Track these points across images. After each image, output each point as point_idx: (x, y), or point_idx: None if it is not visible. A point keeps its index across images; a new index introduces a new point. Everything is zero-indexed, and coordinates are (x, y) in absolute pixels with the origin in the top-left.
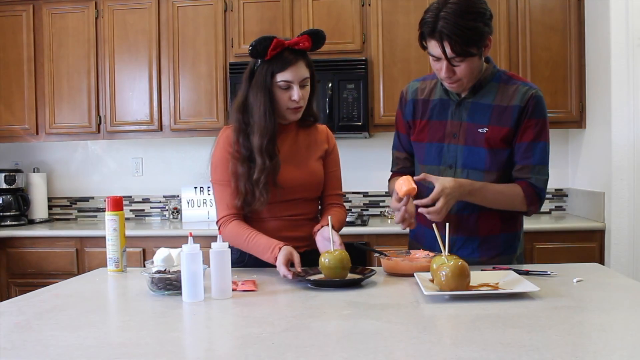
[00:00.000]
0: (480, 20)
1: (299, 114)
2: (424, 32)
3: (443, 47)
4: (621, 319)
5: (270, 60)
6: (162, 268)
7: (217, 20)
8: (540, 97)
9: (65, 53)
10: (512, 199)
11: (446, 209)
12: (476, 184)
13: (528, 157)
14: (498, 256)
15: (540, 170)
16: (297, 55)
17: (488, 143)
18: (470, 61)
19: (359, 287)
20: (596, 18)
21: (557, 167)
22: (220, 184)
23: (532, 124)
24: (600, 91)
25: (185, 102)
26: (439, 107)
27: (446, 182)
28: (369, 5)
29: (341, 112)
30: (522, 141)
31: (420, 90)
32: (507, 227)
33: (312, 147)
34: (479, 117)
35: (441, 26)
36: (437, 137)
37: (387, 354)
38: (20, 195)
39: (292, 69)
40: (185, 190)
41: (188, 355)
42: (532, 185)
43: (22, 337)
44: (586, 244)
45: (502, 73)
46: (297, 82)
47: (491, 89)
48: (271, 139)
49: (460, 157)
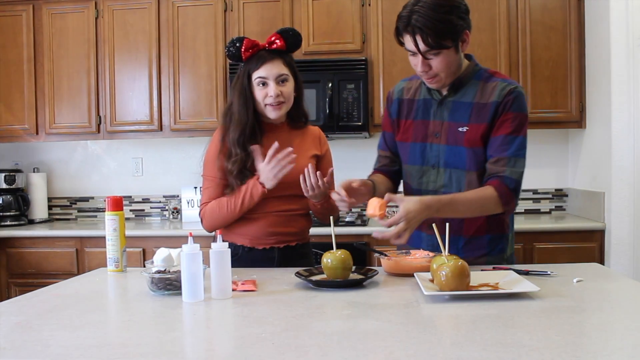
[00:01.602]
0: (454, 13)
1: (280, 111)
2: (399, 27)
3: (416, 40)
4: (621, 319)
5: (247, 60)
6: (162, 268)
7: (217, 20)
8: (519, 92)
9: (65, 53)
10: (485, 204)
11: (409, 232)
12: (443, 199)
13: (504, 149)
14: (485, 256)
15: (516, 163)
16: (273, 53)
17: (468, 142)
18: (445, 55)
19: (359, 287)
20: (596, 18)
21: (557, 167)
22: (207, 178)
23: (509, 117)
24: (600, 91)
25: (185, 102)
26: (423, 107)
27: (410, 205)
28: (369, 5)
29: (341, 112)
30: (498, 134)
31: (407, 89)
32: (493, 228)
33: (304, 146)
34: (459, 116)
35: (414, 20)
36: (420, 137)
37: (387, 354)
38: (20, 195)
39: (266, 65)
40: (185, 190)
41: (188, 355)
42: (504, 182)
43: (22, 337)
44: (586, 244)
45: (483, 71)
46: (273, 79)
47: (471, 87)
48: (244, 133)
49: (443, 157)
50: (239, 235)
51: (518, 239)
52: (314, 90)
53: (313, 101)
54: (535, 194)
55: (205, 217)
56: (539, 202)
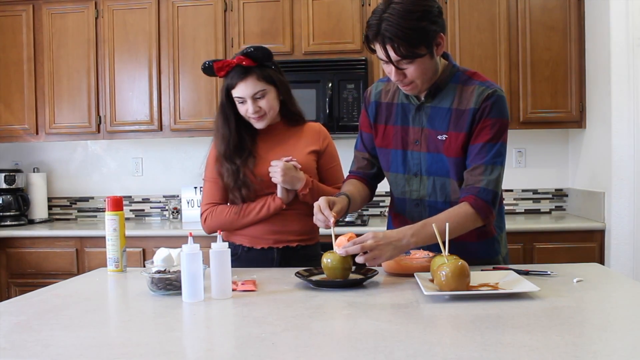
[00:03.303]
0: (426, 18)
1: (263, 122)
2: (368, 35)
3: (386, 50)
4: (621, 319)
5: (225, 76)
6: (162, 268)
7: (217, 20)
8: (498, 96)
9: (65, 53)
10: (463, 222)
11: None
12: (416, 225)
13: (482, 157)
14: (476, 259)
15: (492, 171)
16: (246, 71)
17: (447, 151)
18: (419, 62)
19: (360, 287)
20: (596, 18)
21: (557, 167)
22: (208, 180)
23: (488, 124)
24: (600, 91)
25: (185, 102)
26: (401, 112)
27: (380, 232)
28: (369, 5)
29: (341, 112)
30: (477, 142)
31: (384, 92)
32: (483, 233)
33: (301, 142)
34: (438, 123)
35: (384, 29)
36: (401, 144)
37: (387, 354)
38: (20, 195)
39: (240, 85)
40: (185, 190)
41: (188, 355)
42: (479, 196)
43: (22, 337)
44: (586, 244)
45: (461, 73)
46: (249, 97)
47: (450, 92)
48: (229, 147)
49: (425, 164)
50: (238, 235)
51: (518, 239)
52: (314, 90)
53: (313, 101)
54: (535, 194)
55: (209, 218)
56: (539, 202)
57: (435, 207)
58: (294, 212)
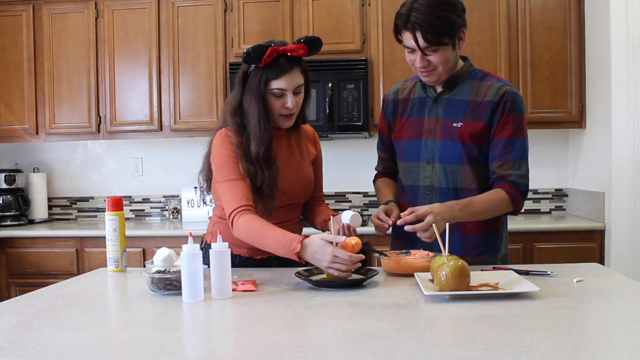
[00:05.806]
0: (452, 11)
1: (291, 121)
2: (398, 24)
3: (415, 37)
4: (621, 319)
5: (264, 66)
6: (162, 268)
7: (217, 20)
8: (515, 93)
9: (65, 53)
10: (499, 205)
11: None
12: (461, 201)
13: (508, 152)
14: (481, 255)
15: (520, 166)
16: (292, 62)
17: (462, 137)
18: (443, 51)
19: (359, 287)
20: (596, 18)
21: (557, 167)
22: (231, 179)
23: (509, 119)
24: (600, 91)
25: (185, 102)
26: (418, 105)
27: (435, 205)
28: (369, 5)
29: (341, 112)
30: (500, 137)
31: (402, 90)
32: (489, 226)
33: (304, 151)
34: (454, 112)
35: (414, 17)
36: (416, 134)
37: (387, 354)
38: (20, 195)
39: (286, 76)
40: (185, 190)
41: (188, 355)
42: (514, 185)
43: (22, 337)
44: (586, 244)
45: (478, 71)
46: (291, 90)
47: (466, 86)
48: (267, 147)
49: (437, 152)
50: (237, 246)
51: (518, 239)
52: (314, 90)
53: (313, 101)
54: (535, 194)
55: (239, 229)
56: (539, 202)
57: (446, 194)
58: (291, 222)
